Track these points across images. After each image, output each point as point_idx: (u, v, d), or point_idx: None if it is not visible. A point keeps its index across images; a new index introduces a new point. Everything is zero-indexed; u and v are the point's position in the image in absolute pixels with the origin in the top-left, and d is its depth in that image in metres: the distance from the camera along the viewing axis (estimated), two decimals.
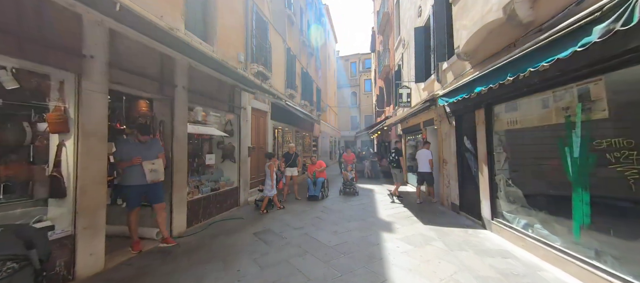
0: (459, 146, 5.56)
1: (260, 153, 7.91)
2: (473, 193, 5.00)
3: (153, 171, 3.53)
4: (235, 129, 6.42)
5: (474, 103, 4.75)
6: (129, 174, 3.47)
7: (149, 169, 3.50)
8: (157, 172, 3.57)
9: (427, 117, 7.30)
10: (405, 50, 9.98)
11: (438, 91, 6.35)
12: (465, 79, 4.54)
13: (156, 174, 3.57)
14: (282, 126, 9.95)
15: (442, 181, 6.42)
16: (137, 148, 3.53)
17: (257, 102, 7.48)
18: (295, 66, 11.23)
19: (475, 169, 4.88)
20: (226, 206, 5.80)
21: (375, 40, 20.61)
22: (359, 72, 31.83)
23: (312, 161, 7.72)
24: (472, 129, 4.95)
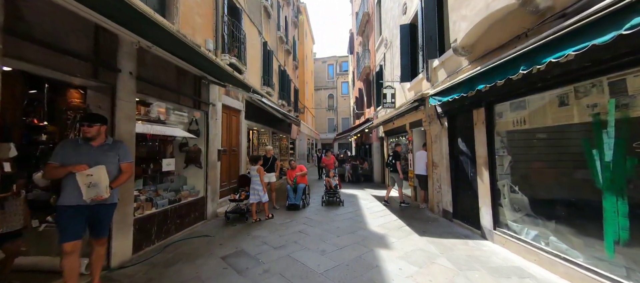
0: (452, 148, 5.19)
1: (232, 156, 6.97)
2: (469, 199, 4.62)
3: (91, 185, 2.38)
4: (202, 129, 5.46)
5: (471, 102, 4.38)
6: (63, 190, 2.39)
7: (83, 182, 2.36)
8: (96, 187, 2.40)
9: (414, 118, 6.93)
10: (388, 50, 9.67)
11: (427, 90, 5.98)
12: (462, 76, 4.14)
13: (96, 190, 2.40)
14: (258, 126, 9.06)
15: (432, 186, 6.04)
16: (79, 151, 2.44)
17: (229, 98, 6.55)
18: (273, 63, 10.41)
19: (473, 174, 4.51)
20: (189, 221, 4.82)
21: (353, 42, 20.44)
22: (336, 74, 31.65)
23: (292, 165, 6.97)
24: (469, 130, 4.58)
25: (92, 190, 2.40)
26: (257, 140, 9.87)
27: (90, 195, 2.39)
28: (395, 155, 6.83)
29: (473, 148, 4.43)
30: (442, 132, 5.47)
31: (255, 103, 8.09)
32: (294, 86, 15.72)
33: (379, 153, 11.63)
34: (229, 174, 6.76)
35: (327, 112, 31.05)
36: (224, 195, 6.36)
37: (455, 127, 5.13)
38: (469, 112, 4.55)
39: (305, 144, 20.22)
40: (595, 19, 2.16)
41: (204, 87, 5.36)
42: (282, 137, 13.59)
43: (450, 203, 5.23)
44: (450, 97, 4.28)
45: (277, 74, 11.59)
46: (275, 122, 10.84)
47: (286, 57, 14.00)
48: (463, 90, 3.95)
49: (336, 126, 30.37)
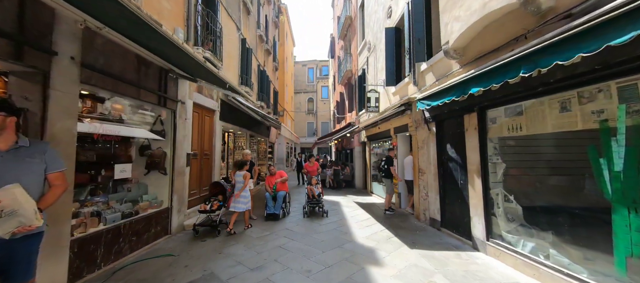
0: (441, 154, 5.02)
1: (204, 161, 6.27)
2: (459, 208, 4.44)
3: (3, 215, 1.59)
4: (168, 130, 4.77)
5: (462, 107, 4.22)
6: None
7: None
8: (14, 216, 1.62)
9: (399, 123, 6.75)
10: (371, 53, 9.54)
11: (414, 94, 5.81)
12: (453, 79, 3.96)
13: (13, 220, 1.62)
14: (234, 128, 8.39)
15: (418, 193, 5.85)
16: None
17: (201, 96, 5.89)
18: (252, 61, 9.82)
19: (463, 181, 4.33)
20: (149, 237, 4.11)
21: (335, 46, 20.35)
22: (316, 78, 31.45)
23: (271, 171, 6.43)
24: (459, 136, 4.42)
25: (6, 222, 1.61)
26: (233, 143, 9.18)
27: (5, 228, 1.61)
28: (389, 160, 6.56)
29: (464, 155, 4.26)
30: (430, 137, 5.30)
31: (231, 103, 7.45)
32: (273, 88, 15.14)
33: (361, 158, 11.43)
34: (199, 181, 6.06)
35: (306, 116, 30.65)
36: (194, 205, 5.65)
37: (443, 132, 4.97)
38: (460, 117, 4.39)
39: (285, 148, 19.60)
40: (612, 18, 1.99)
41: (172, 82, 4.69)
42: (261, 140, 12.92)
43: (438, 212, 5.04)
44: (440, 102, 4.09)
45: (256, 74, 10.99)
46: (254, 124, 10.21)
47: (266, 58, 13.42)
48: (455, 94, 3.76)
49: (316, 130, 30.06)
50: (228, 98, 7.26)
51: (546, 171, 3.23)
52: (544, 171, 3.25)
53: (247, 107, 7.83)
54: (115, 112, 4.08)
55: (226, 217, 5.32)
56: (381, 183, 8.91)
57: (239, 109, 8.06)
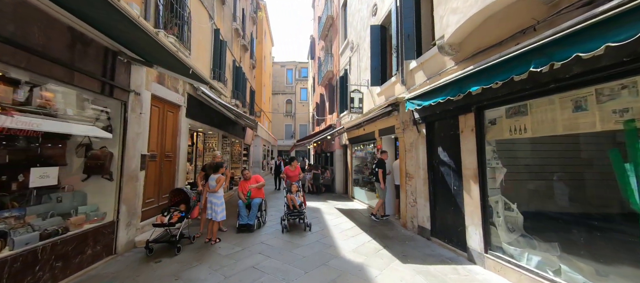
0: (431, 158, 4.70)
1: (166, 164, 5.39)
2: (452, 216, 4.11)
3: None
4: (116, 126, 3.91)
5: (458, 107, 3.91)
6: None
7: None
8: None
9: (385, 124, 6.40)
10: (354, 53, 9.21)
11: (402, 94, 5.48)
12: (447, 77, 3.63)
13: None
14: (204, 128, 7.52)
15: (405, 200, 5.49)
16: None
17: (163, 88, 5.05)
18: (226, 55, 9.00)
19: (457, 187, 4.01)
20: (84, 261, 3.24)
21: (315, 47, 19.96)
22: (295, 79, 30.84)
23: (245, 175, 5.71)
24: (453, 138, 4.11)
25: None
26: (203, 144, 8.26)
27: None
28: (380, 163, 6.13)
29: (458, 158, 3.95)
30: (419, 140, 4.97)
31: (201, 99, 6.62)
32: (250, 87, 14.29)
33: (342, 162, 11.01)
34: (159, 187, 5.17)
35: (284, 118, 29.86)
36: (151, 216, 4.77)
37: (435, 134, 4.65)
38: (454, 118, 4.08)
39: (261, 150, 18.67)
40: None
41: (122, 68, 3.86)
42: (235, 142, 12.00)
43: (427, 219, 4.70)
44: (433, 101, 3.75)
45: (231, 70, 10.15)
46: (227, 124, 9.35)
47: (242, 54, 12.59)
48: (450, 92, 3.42)
49: (294, 133, 29.35)
50: (197, 93, 6.43)
51: (554, 176, 2.96)
52: (551, 176, 2.98)
53: (219, 104, 7.03)
54: (43, 101, 3.18)
55: (188, 230, 4.53)
56: (364, 188, 8.54)
57: (210, 106, 7.23)
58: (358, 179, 9.41)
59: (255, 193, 5.37)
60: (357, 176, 9.42)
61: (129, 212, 4.01)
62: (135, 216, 4.20)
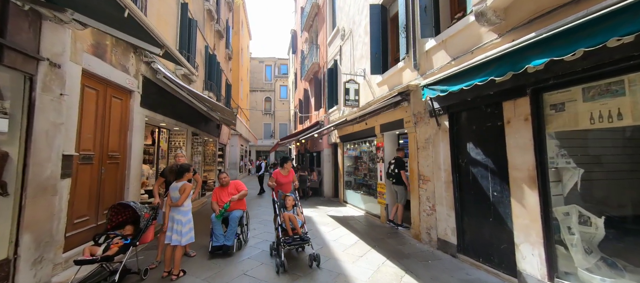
0: (457, 156, 3.84)
1: (110, 169, 3.98)
2: (491, 230, 3.27)
3: None
4: (17, 111, 2.52)
5: (501, 91, 3.07)
6: None
7: None
8: None
9: (389, 118, 5.49)
10: (346, 41, 8.25)
11: (414, 80, 4.61)
12: (487, 53, 2.77)
13: None
14: (169, 122, 6.08)
15: (418, 207, 4.61)
16: None
17: (103, 64, 3.66)
18: (196, 38, 7.57)
19: (499, 193, 3.17)
20: None
21: (296, 41, 18.84)
22: (274, 76, 29.38)
23: (222, 181, 4.42)
24: (492, 132, 3.27)
25: None
26: (166, 143, 6.78)
27: None
28: (399, 163, 5.17)
29: (501, 156, 3.10)
30: (439, 135, 4.10)
31: (163, 84, 5.25)
32: (226, 80, 12.78)
33: (331, 162, 10.01)
34: (97, 200, 3.76)
35: (263, 116, 28.25)
36: (83, 241, 3.38)
37: (462, 127, 3.80)
38: (494, 106, 3.24)
39: (238, 151, 17.10)
40: None
41: (23, 20, 2.48)
42: (208, 141, 10.49)
43: (452, 232, 3.83)
44: (465, 85, 2.89)
45: (204, 57, 8.70)
46: (198, 119, 7.91)
47: (217, 41, 11.10)
48: (495, 71, 2.57)
49: (273, 132, 27.89)
50: (156, 76, 5.04)
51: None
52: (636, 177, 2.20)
53: (188, 92, 5.67)
54: None
55: (137, 261, 3.22)
56: (358, 191, 7.61)
57: (175, 95, 5.83)
58: (350, 181, 8.47)
59: (234, 204, 4.15)
60: (350, 178, 8.47)
61: (38, 242, 2.62)
62: (52, 247, 2.81)
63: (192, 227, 3.31)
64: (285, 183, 4.18)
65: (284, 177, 4.22)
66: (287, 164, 4.38)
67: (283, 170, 4.29)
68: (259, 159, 11.89)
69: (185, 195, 3.18)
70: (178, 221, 3.18)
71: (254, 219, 6.16)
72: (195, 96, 5.81)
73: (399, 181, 5.13)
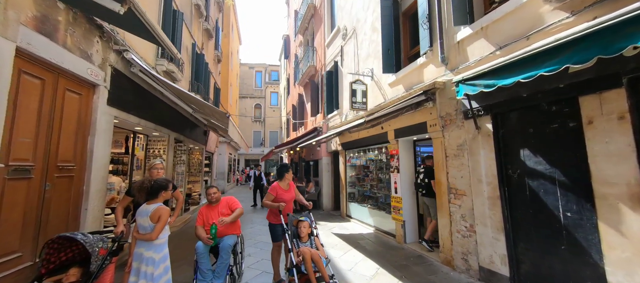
0: (506, 166, 3.14)
1: (59, 184, 2.99)
2: (566, 261, 2.55)
3: None
4: None
5: (575, 84, 2.41)
6: None
7: None
8: None
9: (407, 121, 4.78)
10: (348, 41, 7.62)
11: (442, 76, 3.94)
12: (560, 35, 2.14)
13: None
14: (145, 126, 5.09)
15: (448, 226, 3.86)
16: None
17: (53, 46, 2.74)
18: (182, 32, 6.68)
19: (576, 214, 2.47)
20: None
21: (289, 46, 18.22)
22: (265, 83, 28.53)
23: (211, 197, 3.45)
24: (560, 135, 2.60)
25: None
26: (143, 151, 5.76)
27: None
28: (429, 172, 4.44)
29: (578, 167, 2.43)
30: (479, 140, 3.41)
31: (139, 79, 4.33)
32: (214, 83, 11.84)
33: (330, 172, 9.19)
34: (35, 229, 2.75)
35: (253, 123, 27.22)
36: None
37: (511, 130, 3.12)
38: (563, 102, 2.58)
39: (226, 159, 15.97)
40: None
41: None
42: (194, 149, 9.44)
43: (502, 260, 3.09)
44: (523, 77, 2.28)
45: (190, 54, 7.79)
46: (182, 123, 6.94)
47: (206, 40, 10.21)
48: (574, 57, 2.00)
49: (263, 140, 26.82)
50: (130, 69, 4.13)
51: None
52: None
53: (170, 90, 4.76)
54: None
55: None
56: (364, 204, 6.81)
57: (155, 94, 4.90)
58: (354, 193, 7.67)
59: (226, 229, 3.23)
60: (353, 189, 7.67)
61: None
62: None
63: (168, 267, 2.39)
64: (287, 201, 3.30)
65: (285, 193, 3.34)
66: (288, 175, 3.46)
67: (282, 183, 3.40)
68: (258, 168, 10.88)
69: (161, 224, 2.26)
70: (148, 260, 2.26)
71: (248, 240, 5.22)
72: (180, 95, 4.90)
73: (429, 193, 4.38)
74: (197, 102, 4.39)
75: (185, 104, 5.75)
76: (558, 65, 2.09)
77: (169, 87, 4.63)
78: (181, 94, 4.64)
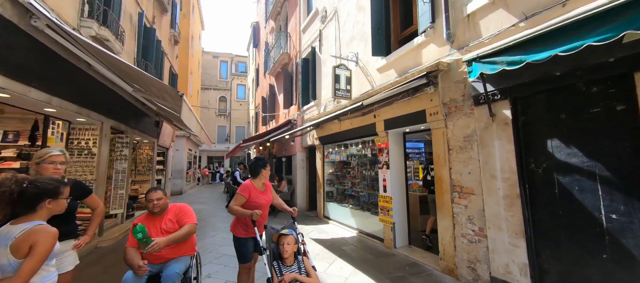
0: (528, 160, 2.67)
1: None
2: (609, 275, 2.12)
3: None
4: None
5: (631, 57, 1.97)
6: None
7: None
8: None
9: (401, 111, 4.18)
10: (327, 24, 6.88)
11: (445, 57, 3.41)
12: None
13: None
14: (61, 106, 3.71)
15: (451, 229, 3.35)
16: None
17: None
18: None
19: (626, 217, 2.04)
20: None
21: (259, 33, 16.94)
22: (231, 74, 26.51)
23: (153, 206, 2.38)
24: (602, 122, 2.17)
25: None
26: (62, 142, 4.32)
27: None
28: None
29: (629, 160, 1.99)
30: (493, 130, 2.91)
31: (47, 40, 3.05)
32: (171, 67, 10.21)
33: (305, 169, 8.39)
34: None
35: (217, 117, 25.09)
36: None
37: (536, 117, 2.65)
38: (609, 81, 2.14)
39: (185, 156, 14.19)
40: None
41: None
42: (142, 143, 7.91)
43: (522, 270, 2.62)
44: (562, 49, 1.88)
45: (135, 25, 6.32)
46: (123, 109, 5.54)
47: (159, 15, 8.61)
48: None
49: (229, 136, 24.92)
50: (30, 20, 2.85)
51: None
52: None
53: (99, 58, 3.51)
54: None
55: None
56: (345, 204, 6.16)
57: (79, 66, 3.60)
58: (332, 192, 7.00)
59: (171, 251, 2.24)
60: (332, 188, 6.99)
61: None
62: None
63: None
64: (263, 206, 2.45)
65: (261, 195, 2.48)
66: (265, 172, 2.57)
67: (257, 181, 2.52)
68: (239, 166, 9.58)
69: (34, 259, 1.24)
70: None
71: (208, 255, 4.19)
72: (113, 65, 3.65)
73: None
74: (137, 75, 3.23)
75: (124, 82, 4.45)
76: (614, 32, 1.65)
77: (98, 55, 3.38)
78: (113, 62, 3.41)
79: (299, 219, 7.04)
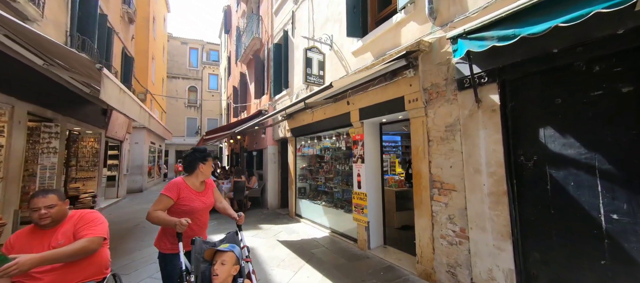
0: (514, 151, 2.34)
1: None
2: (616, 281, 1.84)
3: None
4: None
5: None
6: None
7: None
8: None
9: (378, 98, 3.75)
10: (302, 4, 6.27)
11: (427, 35, 3.01)
12: None
13: None
14: None
15: (429, 231, 3.00)
16: None
17: None
18: None
19: (629, 216, 1.75)
20: None
21: (230, 17, 15.82)
22: (201, 63, 24.81)
23: (44, 218, 1.59)
24: (605, 106, 1.85)
25: None
26: None
27: None
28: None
29: (635, 150, 1.69)
30: (478, 118, 2.56)
31: None
32: (124, 49, 8.97)
33: (277, 163, 7.80)
34: None
35: (186, 109, 23.43)
36: None
37: (528, 102, 2.32)
38: (615, 58, 1.82)
39: (146, 150, 12.87)
40: None
41: None
42: (84, 133, 6.82)
43: (507, 276, 2.31)
44: (565, 19, 1.50)
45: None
46: (51, 91, 4.55)
47: None
48: None
49: (200, 129, 23.39)
50: None
51: None
52: None
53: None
54: None
55: None
56: (317, 202, 5.70)
57: None
58: (304, 188, 6.51)
59: (60, 274, 1.60)
60: (304, 183, 6.49)
61: None
62: None
63: None
64: (198, 210, 1.88)
65: (195, 198, 1.89)
66: (204, 167, 1.97)
67: (191, 179, 1.93)
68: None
69: None
70: None
71: (141, 267, 3.50)
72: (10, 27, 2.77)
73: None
74: (31, 35, 2.40)
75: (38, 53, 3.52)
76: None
77: None
78: (9, 24, 2.55)
79: (269, 217, 6.51)
